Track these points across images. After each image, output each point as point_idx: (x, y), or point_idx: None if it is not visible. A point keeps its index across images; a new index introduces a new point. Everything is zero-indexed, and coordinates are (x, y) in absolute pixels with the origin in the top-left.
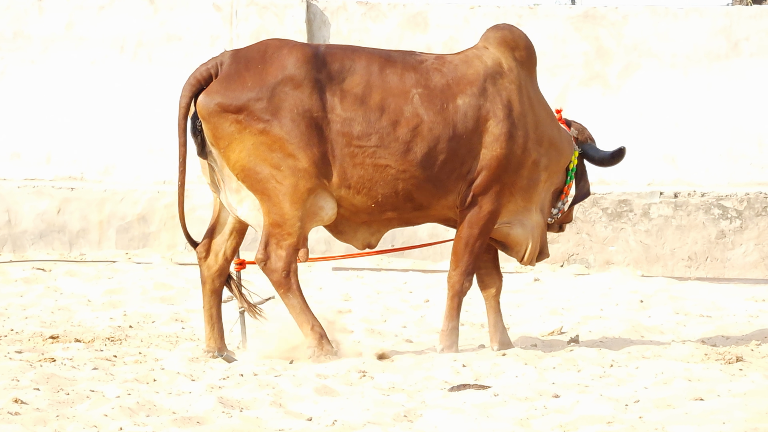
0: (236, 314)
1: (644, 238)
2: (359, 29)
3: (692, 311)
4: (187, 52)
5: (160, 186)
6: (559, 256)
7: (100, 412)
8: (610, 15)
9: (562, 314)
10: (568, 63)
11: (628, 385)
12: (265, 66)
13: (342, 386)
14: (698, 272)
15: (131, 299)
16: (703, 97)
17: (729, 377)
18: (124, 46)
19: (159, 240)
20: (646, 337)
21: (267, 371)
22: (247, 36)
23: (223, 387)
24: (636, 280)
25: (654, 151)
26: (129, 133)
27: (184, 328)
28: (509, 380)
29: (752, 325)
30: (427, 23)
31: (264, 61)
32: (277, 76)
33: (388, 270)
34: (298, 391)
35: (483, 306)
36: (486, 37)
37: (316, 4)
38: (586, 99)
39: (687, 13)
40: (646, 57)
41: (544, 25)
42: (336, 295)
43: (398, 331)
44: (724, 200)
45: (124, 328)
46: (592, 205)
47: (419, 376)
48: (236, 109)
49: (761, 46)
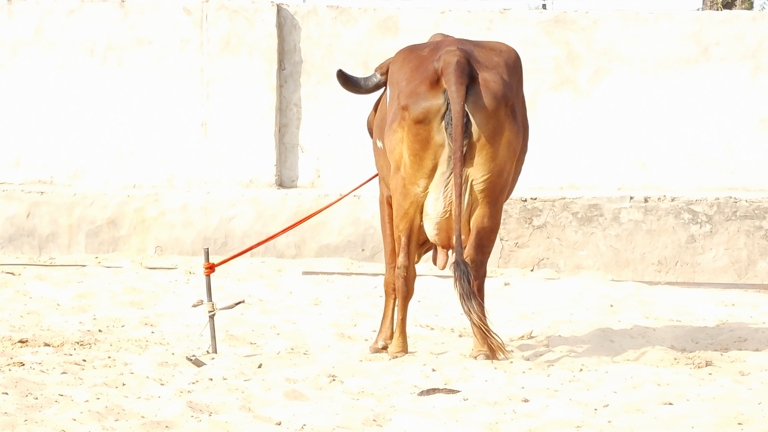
0: (206, 319)
1: (614, 242)
2: (330, 34)
3: (662, 315)
4: (157, 56)
5: (130, 190)
6: (529, 261)
7: (69, 417)
8: (581, 20)
9: (532, 319)
10: (538, 67)
11: (597, 390)
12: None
13: (311, 390)
14: (668, 277)
15: (101, 303)
16: (673, 101)
17: (698, 381)
18: (93, 50)
19: (129, 244)
20: (615, 341)
21: (236, 375)
22: (217, 40)
23: (192, 391)
24: (606, 284)
25: (624, 155)
26: (99, 138)
27: (153, 332)
28: (479, 384)
29: (722, 329)
30: (398, 28)
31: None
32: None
33: (358, 274)
34: (267, 395)
35: (455, 310)
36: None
37: (286, 8)
38: (557, 103)
39: (657, 17)
40: (616, 62)
41: (515, 30)
42: (306, 299)
43: (368, 335)
44: (694, 205)
45: (94, 332)
46: (563, 210)
47: (389, 380)
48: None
49: (731, 50)
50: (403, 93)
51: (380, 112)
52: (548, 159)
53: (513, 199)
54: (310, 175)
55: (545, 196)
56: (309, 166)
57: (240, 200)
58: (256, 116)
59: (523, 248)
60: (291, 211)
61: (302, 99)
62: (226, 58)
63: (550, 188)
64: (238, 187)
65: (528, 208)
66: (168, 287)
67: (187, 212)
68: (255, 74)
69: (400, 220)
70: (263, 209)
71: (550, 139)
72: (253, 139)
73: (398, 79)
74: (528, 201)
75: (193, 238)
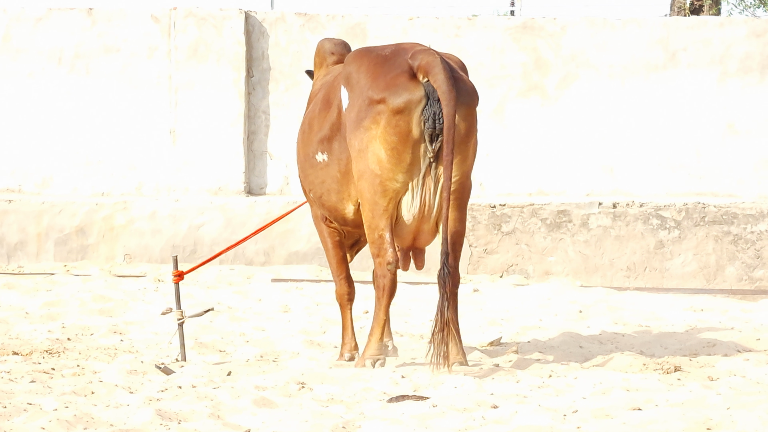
0: (175, 326)
1: (583, 248)
2: (298, 41)
3: (631, 321)
4: (124, 63)
5: (99, 198)
6: (498, 267)
7: (38, 425)
8: (549, 26)
9: (501, 325)
10: (506, 74)
11: (566, 396)
12: None
13: (280, 398)
14: (637, 282)
15: (69, 311)
16: (641, 107)
17: (667, 387)
18: (61, 57)
19: (97, 252)
20: (584, 347)
21: (205, 383)
22: (185, 48)
23: (161, 399)
24: (575, 290)
25: (592, 161)
26: (67, 145)
27: (122, 340)
28: (448, 391)
29: (690, 334)
30: (366, 34)
31: None
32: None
33: (327, 281)
34: (236, 402)
35: (424, 317)
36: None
37: (254, 15)
38: (525, 110)
39: (625, 23)
40: (584, 68)
41: (483, 36)
42: (275, 307)
43: (338, 342)
44: (662, 210)
45: (63, 341)
46: (531, 216)
47: (358, 387)
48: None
49: (699, 56)
50: (375, 88)
51: (315, 126)
52: (517, 165)
53: (482, 206)
54: (278, 183)
55: (514, 202)
56: (278, 174)
57: (209, 208)
58: (225, 123)
59: (492, 254)
60: (260, 218)
61: (270, 106)
62: (194, 65)
63: (519, 194)
64: (207, 194)
65: (497, 215)
66: (137, 295)
67: (156, 220)
68: (223, 81)
69: (380, 218)
70: (232, 216)
71: (519, 145)
72: (221, 147)
73: (359, 78)
74: (497, 207)
75: (162, 245)
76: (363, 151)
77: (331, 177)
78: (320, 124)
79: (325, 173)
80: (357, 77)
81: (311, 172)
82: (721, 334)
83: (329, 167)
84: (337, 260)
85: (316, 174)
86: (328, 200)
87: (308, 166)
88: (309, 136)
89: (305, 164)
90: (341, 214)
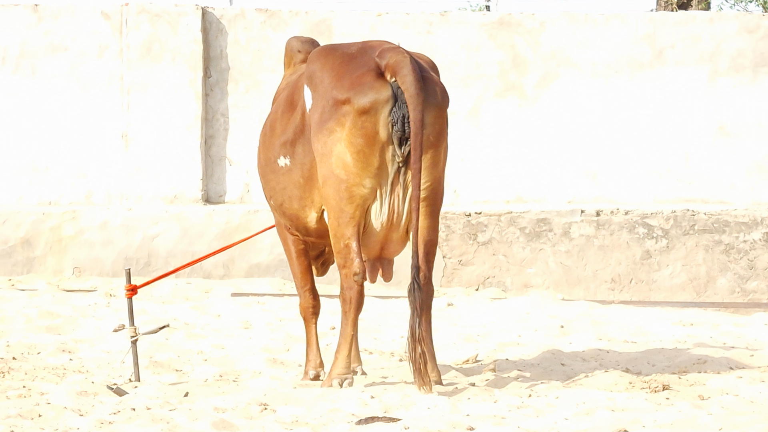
0: (128, 344)
1: (564, 259)
2: (259, 38)
3: (616, 337)
4: (73, 63)
5: (46, 207)
6: (474, 279)
7: None
8: (527, 22)
9: (477, 341)
10: (481, 73)
11: (547, 416)
12: None
13: (241, 420)
14: (622, 295)
15: (15, 329)
16: (625, 108)
17: (655, 407)
18: (5, 57)
19: (44, 265)
20: (566, 364)
21: (161, 405)
22: (138, 46)
23: (113, 422)
24: (556, 304)
25: (574, 166)
26: (11, 151)
27: (71, 359)
28: (421, 412)
29: (680, 351)
30: (332, 31)
31: None
32: None
33: (291, 295)
34: (194, 425)
35: (395, 333)
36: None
37: (212, 11)
38: (502, 111)
39: (608, 19)
40: (564, 66)
41: (456, 33)
42: (235, 323)
43: (302, 360)
44: (649, 218)
45: (7, 360)
46: (509, 225)
47: (324, 408)
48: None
49: (687, 53)
50: (340, 87)
51: (278, 129)
52: (493, 170)
53: (456, 214)
54: (238, 190)
55: (490, 210)
56: (237, 180)
57: (164, 217)
58: (181, 127)
59: (468, 266)
60: (218, 228)
61: (230, 108)
62: (148, 65)
63: (496, 201)
64: (162, 203)
65: (472, 223)
66: (87, 311)
67: (107, 230)
68: (179, 82)
69: (346, 226)
70: (189, 226)
71: (496, 149)
72: (177, 152)
73: (322, 78)
74: (472, 215)
75: (114, 258)
76: (327, 155)
77: (293, 183)
78: (283, 126)
79: (287, 179)
80: (321, 76)
81: (272, 178)
82: (712, 350)
83: (291, 172)
84: (302, 270)
85: (278, 180)
86: (289, 208)
87: (269, 172)
88: (271, 140)
89: (266, 169)
90: (303, 222)
